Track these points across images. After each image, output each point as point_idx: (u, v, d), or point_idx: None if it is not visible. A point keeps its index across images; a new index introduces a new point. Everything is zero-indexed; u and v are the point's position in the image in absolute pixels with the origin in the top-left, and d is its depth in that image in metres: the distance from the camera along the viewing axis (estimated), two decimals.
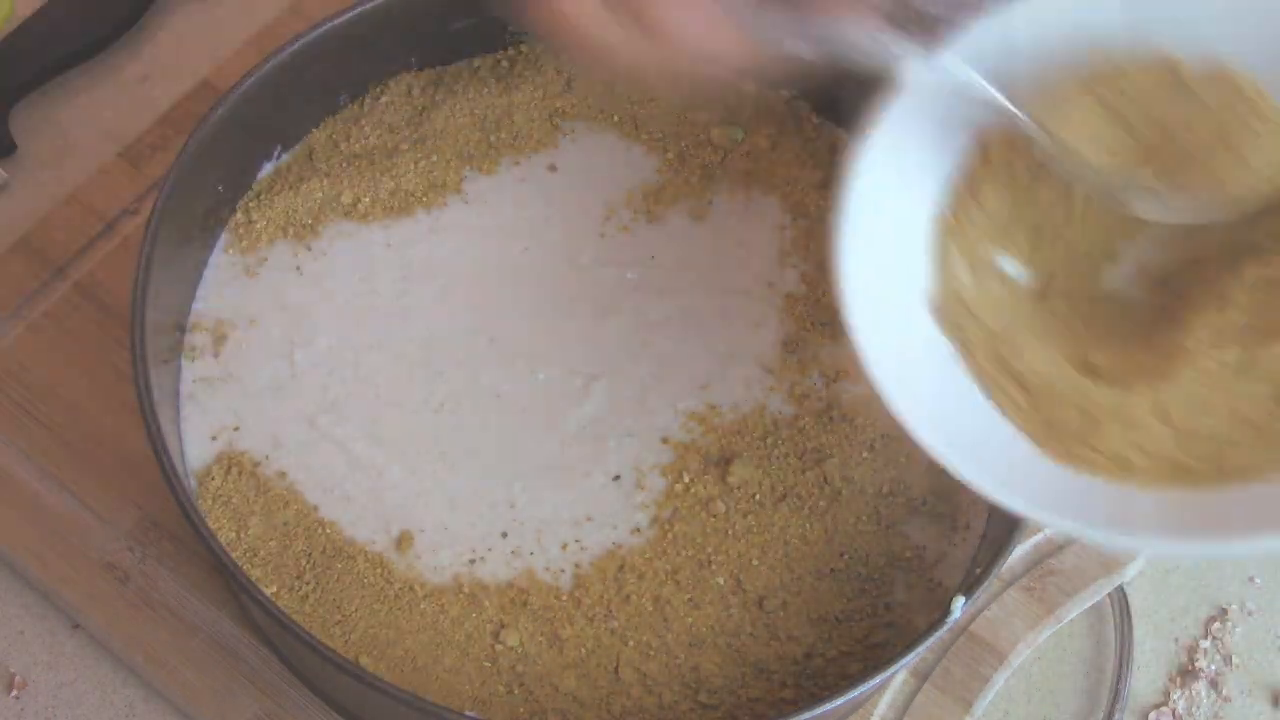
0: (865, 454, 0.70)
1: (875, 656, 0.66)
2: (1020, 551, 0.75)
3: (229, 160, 0.72)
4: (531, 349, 0.71)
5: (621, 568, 0.67)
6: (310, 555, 0.66)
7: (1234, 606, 0.78)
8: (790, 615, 0.67)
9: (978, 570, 0.64)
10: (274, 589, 0.65)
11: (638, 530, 0.68)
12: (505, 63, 0.79)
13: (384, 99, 0.77)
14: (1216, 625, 0.77)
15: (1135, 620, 0.76)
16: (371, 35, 0.73)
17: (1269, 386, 0.56)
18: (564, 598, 0.66)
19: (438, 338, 0.71)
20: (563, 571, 0.67)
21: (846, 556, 0.68)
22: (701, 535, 0.68)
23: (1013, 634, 0.73)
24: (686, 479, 0.69)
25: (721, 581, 0.67)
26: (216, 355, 0.70)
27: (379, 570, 0.66)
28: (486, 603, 0.66)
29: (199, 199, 0.70)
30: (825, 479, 0.70)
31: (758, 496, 0.69)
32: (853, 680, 0.62)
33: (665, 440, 0.70)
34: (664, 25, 0.55)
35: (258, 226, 0.72)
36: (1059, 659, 0.76)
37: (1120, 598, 0.76)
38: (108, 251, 0.78)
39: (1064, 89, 0.58)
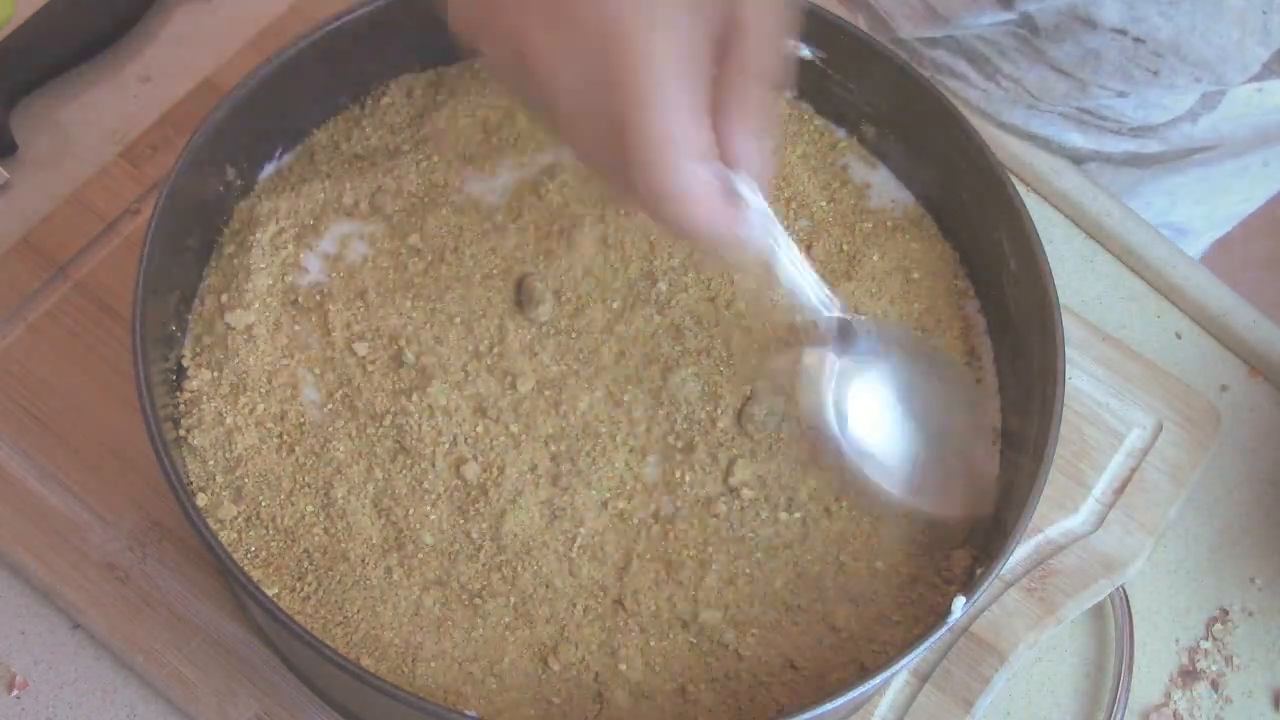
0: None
1: (875, 657, 0.66)
2: (1021, 552, 0.75)
3: (230, 160, 0.72)
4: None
5: (623, 568, 0.67)
6: (312, 556, 0.66)
7: (1235, 608, 0.78)
8: (791, 616, 0.67)
9: (978, 570, 0.64)
10: (275, 590, 0.65)
11: (639, 531, 0.68)
12: None
13: (385, 100, 0.77)
14: (1218, 626, 0.77)
15: (1136, 621, 0.76)
16: (372, 36, 0.73)
17: None
18: (565, 598, 0.66)
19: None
20: (564, 572, 0.67)
21: (848, 557, 0.68)
22: (703, 536, 0.68)
23: (1013, 634, 0.73)
24: (688, 479, 0.69)
25: (722, 582, 0.67)
26: (218, 355, 0.70)
27: (381, 572, 0.66)
28: (489, 604, 0.66)
29: (200, 199, 0.70)
30: (827, 479, 0.69)
31: (760, 498, 0.69)
32: (852, 681, 0.62)
33: (667, 440, 0.70)
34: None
35: (259, 227, 0.72)
36: (1059, 660, 0.76)
37: (1121, 598, 0.76)
38: (108, 251, 0.78)
39: None
